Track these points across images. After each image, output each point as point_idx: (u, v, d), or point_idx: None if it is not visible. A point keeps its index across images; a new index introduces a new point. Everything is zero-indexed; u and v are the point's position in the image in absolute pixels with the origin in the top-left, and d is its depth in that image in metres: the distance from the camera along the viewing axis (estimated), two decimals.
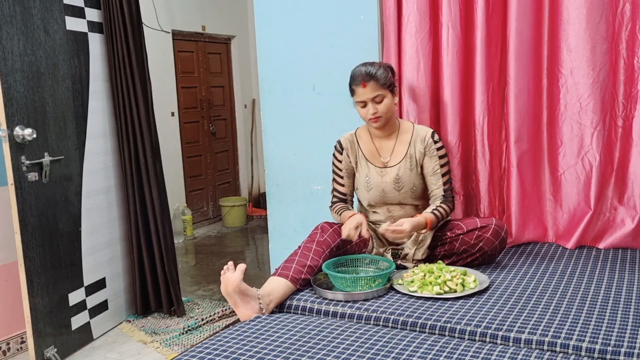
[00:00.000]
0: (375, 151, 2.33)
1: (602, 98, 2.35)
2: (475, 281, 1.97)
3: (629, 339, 1.55)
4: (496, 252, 2.22)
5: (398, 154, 2.30)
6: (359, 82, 2.21)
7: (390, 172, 2.28)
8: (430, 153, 2.27)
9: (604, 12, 2.29)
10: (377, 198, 2.30)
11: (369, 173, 2.30)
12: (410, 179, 2.27)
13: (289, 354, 1.55)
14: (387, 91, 2.21)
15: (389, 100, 2.23)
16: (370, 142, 2.34)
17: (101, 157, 3.19)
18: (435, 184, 2.29)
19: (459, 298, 1.89)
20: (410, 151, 2.28)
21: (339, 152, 2.37)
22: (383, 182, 2.28)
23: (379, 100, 2.20)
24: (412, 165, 2.28)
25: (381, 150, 2.33)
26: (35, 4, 2.72)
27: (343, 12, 2.77)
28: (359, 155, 2.34)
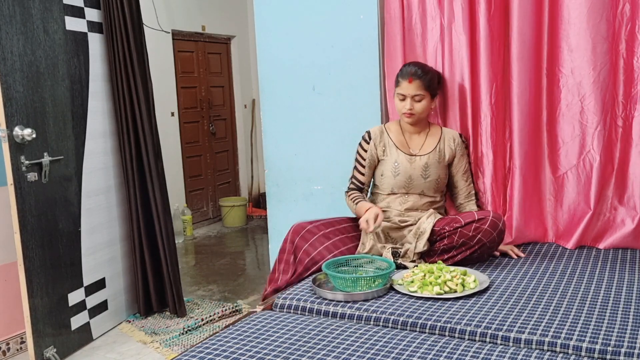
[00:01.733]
0: (405, 142, 2.43)
1: (602, 98, 2.35)
2: (475, 281, 1.97)
3: (629, 339, 1.55)
4: (494, 245, 2.22)
5: (427, 146, 2.42)
6: (407, 76, 2.33)
7: (420, 160, 2.38)
8: (460, 152, 2.44)
9: (604, 12, 2.29)
10: (402, 184, 2.37)
11: (398, 159, 2.39)
12: (437, 170, 2.38)
13: (289, 354, 1.55)
14: (428, 93, 2.34)
15: (427, 102, 2.35)
16: (400, 134, 2.44)
17: (101, 157, 3.18)
18: (466, 181, 2.46)
19: (459, 298, 1.89)
20: (440, 146, 2.42)
21: (367, 141, 2.45)
22: (412, 168, 2.37)
23: (418, 99, 2.33)
24: (440, 158, 2.40)
25: (411, 142, 2.43)
26: (35, 4, 2.72)
27: (343, 12, 2.77)
28: (389, 143, 2.42)
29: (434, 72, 2.43)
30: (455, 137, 2.44)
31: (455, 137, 2.44)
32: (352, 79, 2.83)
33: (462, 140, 2.45)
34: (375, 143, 2.43)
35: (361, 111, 2.84)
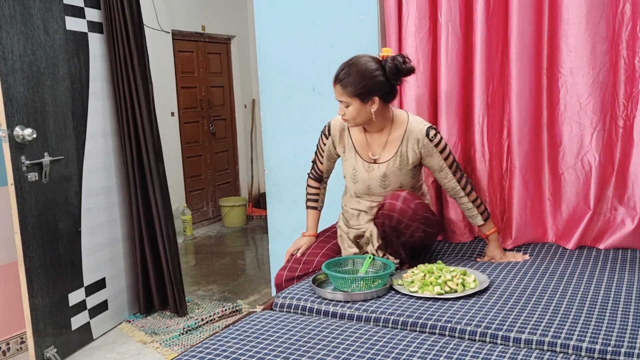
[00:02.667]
0: (366, 144, 2.22)
1: (602, 98, 2.35)
2: (475, 281, 1.97)
3: (629, 339, 1.55)
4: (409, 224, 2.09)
5: (388, 150, 2.19)
6: (333, 80, 2.10)
7: (378, 169, 2.19)
8: (429, 152, 2.17)
9: (604, 12, 2.29)
10: (362, 191, 2.25)
11: (357, 166, 2.22)
12: (398, 178, 2.19)
13: (289, 354, 1.55)
14: (353, 99, 2.06)
15: (354, 108, 2.07)
16: (362, 134, 2.22)
17: (101, 157, 3.19)
18: (446, 177, 2.22)
19: (459, 298, 1.89)
20: (402, 149, 2.17)
21: (326, 136, 2.30)
22: (369, 177, 2.20)
23: (345, 105, 2.09)
24: (401, 164, 2.18)
25: (372, 144, 2.22)
26: (35, 4, 2.72)
27: (343, 12, 2.77)
28: (348, 145, 2.24)
29: (362, 71, 2.05)
30: (419, 137, 2.15)
31: (420, 137, 2.15)
32: None
33: (429, 139, 2.15)
34: (334, 140, 2.26)
35: None
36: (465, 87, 2.58)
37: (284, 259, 2.46)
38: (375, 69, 2.06)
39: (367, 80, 2.05)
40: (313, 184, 2.42)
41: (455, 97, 2.56)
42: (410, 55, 2.61)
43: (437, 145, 2.17)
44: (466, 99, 2.59)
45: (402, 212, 2.09)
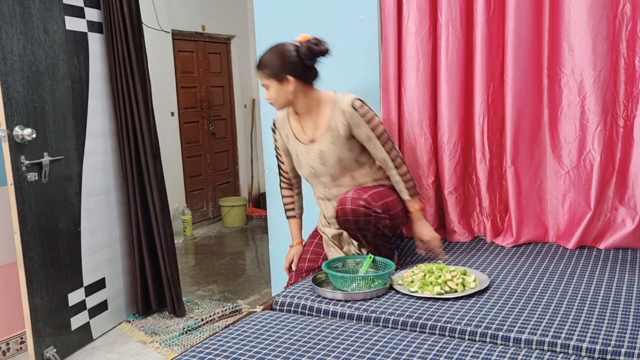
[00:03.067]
0: (301, 129, 2.30)
1: (603, 98, 2.34)
2: (475, 281, 1.97)
3: (630, 339, 1.55)
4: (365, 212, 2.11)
5: (320, 128, 2.24)
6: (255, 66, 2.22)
7: (315, 148, 2.25)
8: (355, 123, 2.18)
9: (604, 12, 2.29)
10: (309, 174, 2.31)
11: (298, 151, 2.30)
12: (334, 152, 2.21)
13: (289, 354, 1.55)
14: (271, 81, 2.16)
15: (274, 90, 2.17)
16: (297, 120, 2.31)
17: (101, 157, 3.19)
18: (375, 147, 2.22)
19: (459, 298, 1.89)
20: (332, 125, 2.21)
21: (273, 131, 2.39)
22: (309, 158, 2.26)
23: (266, 88, 2.20)
24: (333, 138, 2.20)
25: (305, 127, 2.29)
26: (35, 4, 2.72)
27: (343, 12, 2.77)
28: (289, 132, 2.32)
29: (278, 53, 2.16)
30: (345, 108, 2.18)
31: (346, 108, 2.17)
32: (352, 78, 2.83)
33: (354, 109, 2.17)
34: (280, 133, 2.36)
35: None
36: (466, 87, 2.57)
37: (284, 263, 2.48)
38: (289, 50, 2.16)
39: (280, 60, 2.15)
40: (286, 192, 2.48)
41: (455, 97, 2.56)
42: (410, 55, 2.61)
43: (364, 115, 2.19)
44: (467, 99, 2.58)
45: (355, 212, 2.11)
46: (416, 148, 2.67)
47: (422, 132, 2.65)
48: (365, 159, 2.28)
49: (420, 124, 2.65)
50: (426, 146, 2.67)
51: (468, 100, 2.58)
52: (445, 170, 2.62)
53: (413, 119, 2.65)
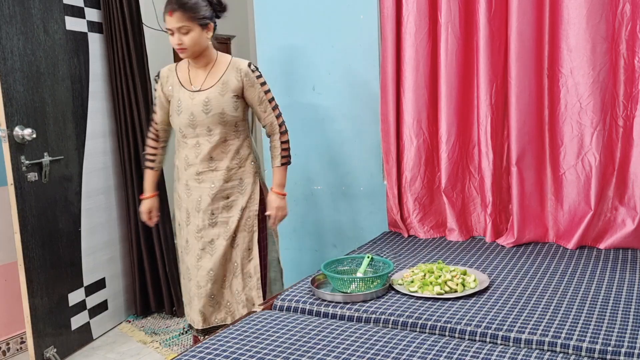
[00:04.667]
0: (189, 79, 2.34)
1: (602, 98, 2.35)
2: (476, 281, 1.97)
3: (630, 339, 1.55)
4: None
5: (210, 80, 2.31)
6: (167, 9, 2.20)
7: (200, 95, 2.29)
8: (250, 83, 2.30)
9: (604, 12, 2.29)
10: (186, 122, 2.31)
11: (181, 97, 2.32)
12: (220, 103, 2.28)
13: (289, 354, 1.55)
14: (194, 24, 2.20)
15: (196, 33, 2.22)
16: (186, 72, 2.36)
17: (101, 157, 3.19)
18: (265, 111, 2.36)
19: (459, 298, 1.89)
20: (224, 78, 2.30)
21: (156, 81, 2.43)
22: (193, 104, 2.29)
23: (184, 31, 2.20)
24: (223, 90, 2.29)
25: (195, 78, 2.34)
26: (35, 4, 2.72)
27: (343, 12, 2.78)
28: (175, 82, 2.36)
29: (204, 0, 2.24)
30: (241, 66, 2.30)
31: (242, 66, 2.30)
32: (352, 79, 2.84)
33: (251, 70, 2.31)
34: (162, 83, 2.39)
35: (361, 111, 2.85)
36: (465, 88, 2.58)
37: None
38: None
39: (204, 6, 2.24)
40: (151, 143, 2.49)
41: (454, 97, 2.56)
42: (409, 56, 2.61)
43: (258, 77, 2.33)
44: (466, 99, 2.59)
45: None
46: (415, 147, 2.67)
47: (421, 132, 2.66)
48: (242, 129, 2.37)
49: (419, 124, 2.65)
50: (425, 146, 2.67)
51: (467, 100, 2.58)
52: (443, 170, 2.62)
53: (412, 118, 2.65)
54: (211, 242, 2.36)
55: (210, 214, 2.35)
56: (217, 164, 2.33)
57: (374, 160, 2.87)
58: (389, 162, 2.73)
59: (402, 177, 2.73)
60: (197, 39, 2.23)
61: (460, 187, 2.66)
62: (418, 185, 2.69)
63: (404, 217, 2.75)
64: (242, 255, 2.38)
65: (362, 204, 2.93)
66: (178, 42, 2.22)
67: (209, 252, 2.36)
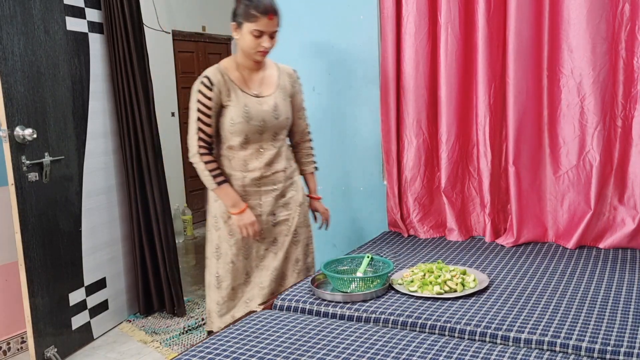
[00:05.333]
0: (245, 81, 2.25)
1: (602, 98, 2.35)
2: (475, 280, 1.97)
3: (629, 338, 1.55)
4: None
5: (268, 85, 2.28)
6: (265, 12, 2.12)
7: (268, 101, 2.24)
8: (298, 88, 2.36)
9: (603, 13, 2.29)
10: (256, 129, 2.21)
11: (248, 102, 2.21)
12: (285, 108, 2.29)
13: (289, 353, 1.55)
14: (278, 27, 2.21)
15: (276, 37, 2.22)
16: (238, 74, 2.25)
17: (101, 157, 3.19)
18: (301, 118, 2.40)
19: (459, 298, 1.89)
20: (281, 83, 2.30)
21: (209, 88, 2.18)
22: (263, 110, 2.22)
23: (273, 35, 2.18)
24: (284, 95, 2.30)
25: (251, 81, 2.26)
26: (35, 4, 2.73)
27: (343, 12, 2.78)
28: (232, 87, 2.21)
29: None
30: (291, 73, 2.34)
31: (291, 71, 2.34)
32: (352, 79, 2.84)
33: (297, 76, 2.36)
34: (220, 89, 2.19)
35: (361, 111, 2.85)
36: (465, 88, 2.58)
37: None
38: None
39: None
40: (208, 158, 2.22)
41: (454, 97, 2.56)
42: (409, 56, 2.62)
43: (301, 85, 2.39)
44: (465, 100, 2.59)
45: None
46: (414, 147, 2.67)
47: (421, 132, 2.66)
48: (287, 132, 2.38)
49: (419, 124, 2.66)
50: (424, 146, 2.67)
51: (467, 100, 2.59)
52: (443, 170, 2.63)
53: (412, 119, 2.66)
54: (274, 241, 2.35)
55: (273, 215, 2.33)
56: (276, 166, 2.29)
57: (374, 160, 2.87)
58: (389, 162, 2.74)
59: (402, 177, 2.73)
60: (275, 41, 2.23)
61: (460, 187, 2.67)
62: (418, 185, 2.70)
63: (403, 217, 2.76)
64: (303, 250, 2.40)
65: (362, 204, 2.94)
66: (269, 45, 2.17)
67: (272, 251, 2.34)
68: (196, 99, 2.21)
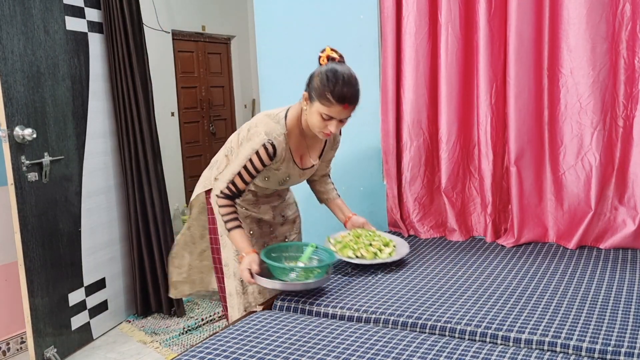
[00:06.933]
0: (306, 151, 2.17)
1: (602, 98, 2.35)
2: (391, 254, 2.12)
3: (629, 339, 1.55)
4: None
5: (316, 153, 2.21)
6: (342, 101, 1.92)
7: (308, 173, 2.22)
8: (335, 146, 2.28)
9: (604, 12, 2.29)
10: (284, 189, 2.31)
11: (291, 172, 2.14)
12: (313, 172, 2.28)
13: (289, 354, 1.55)
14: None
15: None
16: (301, 142, 2.13)
17: (101, 157, 3.19)
18: (328, 166, 2.35)
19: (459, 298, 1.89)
20: (325, 149, 2.23)
21: (270, 157, 2.01)
22: (299, 178, 2.22)
23: (345, 121, 2.01)
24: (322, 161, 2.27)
25: (311, 150, 2.18)
26: (35, 4, 2.72)
27: (343, 12, 2.78)
28: (287, 157, 2.09)
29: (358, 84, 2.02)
30: (337, 137, 2.26)
31: (338, 137, 2.26)
32: None
33: (340, 137, 2.28)
34: (278, 159, 2.05)
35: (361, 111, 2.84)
36: (465, 88, 2.58)
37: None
38: None
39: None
40: (227, 202, 2.08)
41: (454, 97, 2.56)
42: (409, 56, 2.61)
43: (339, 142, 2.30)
44: (466, 99, 2.59)
45: None
46: (415, 147, 2.67)
47: (421, 132, 2.66)
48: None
49: (419, 124, 2.65)
50: (425, 146, 2.67)
51: (468, 100, 2.59)
52: (443, 170, 2.63)
53: (412, 119, 2.65)
54: (284, 240, 2.38)
55: (281, 215, 2.36)
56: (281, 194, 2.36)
57: (374, 160, 2.87)
58: (388, 162, 2.74)
59: (402, 177, 2.73)
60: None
61: (461, 187, 2.66)
62: (418, 185, 2.69)
63: (404, 217, 2.76)
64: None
65: (362, 204, 2.93)
66: (336, 130, 1.98)
67: None
68: (252, 153, 2.01)
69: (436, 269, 2.21)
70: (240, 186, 2.06)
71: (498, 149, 2.55)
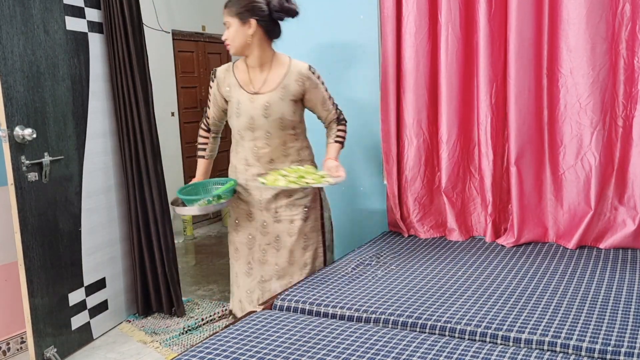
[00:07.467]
0: (249, 80, 2.32)
1: (602, 98, 2.35)
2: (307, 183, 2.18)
3: (629, 339, 1.55)
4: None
5: (270, 83, 2.29)
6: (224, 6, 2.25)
7: (260, 99, 2.28)
8: (314, 85, 2.31)
9: (603, 12, 2.29)
10: (245, 125, 2.33)
11: (241, 99, 2.31)
12: (280, 108, 2.28)
13: (289, 354, 1.55)
14: (234, 19, 2.21)
15: (234, 28, 2.21)
16: (245, 72, 2.33)
17: (101, 157, 3.19)
18: (327, 110, 2.38)
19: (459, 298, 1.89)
20: (285, 82, 2.28)
21: (212, 80, 2.41)
22: (252, 107, 2.28)
23: (227, 26, 2.23)
24: (284, 95, 2.28)
25: (254, 80, 2.31)
26: (35, 4, 2.72)
27: (343, 12, 2.78)
28: (232, 83, 2.33)
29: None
30: (302, 71, 2.29)
31: (303, 71, 2.29)
32: (352, 79, 2.84)
33: (312, 72, 2.31)
34: (218, 83, 2.36)
35: (361, 111, 2.85)
36: (465, 88, 2.58)
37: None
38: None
39: (248, 2, 2.20)
40: (203, 133, 2.59)
41: (454, 97, 2.56)
42: (409, 56, 2.61)
43: (319, 78, 2.35)
44: (466, 99, 2.59)
45: None
46: (415, 147, 2.67)
47: (421, 132, 2.66)
48: (299, 131, 2.38)
49: (419, 124, 2.66)
50: (425, 146, 2.67)
51: (468, 100, 2.59)
52: (443, 170, 2.63)
53: (412, 118, 2.66)
54: (277, 238, 2.38)
55: (274, 212, 2.37)
56: (278, 165, 2.34)
57: (374, 160, 2.87)
58: (389, 162, 2.74)
59: (402, 177, 2.73)
60: (234, 34, 2.22)
61: (461, 187, 2.67)
62: (418, 185, 2.70)
63: (404, 217, 2.76)
64: (312, 255, 2.40)
65: (362, 204, 2.94)
66: (224, 37, 2.26)
67: (274, 247, 2.39)
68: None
69: (436, 269, 2.21)
70: (208, 112, 2.51)
71: (498, 148, 2.55)
